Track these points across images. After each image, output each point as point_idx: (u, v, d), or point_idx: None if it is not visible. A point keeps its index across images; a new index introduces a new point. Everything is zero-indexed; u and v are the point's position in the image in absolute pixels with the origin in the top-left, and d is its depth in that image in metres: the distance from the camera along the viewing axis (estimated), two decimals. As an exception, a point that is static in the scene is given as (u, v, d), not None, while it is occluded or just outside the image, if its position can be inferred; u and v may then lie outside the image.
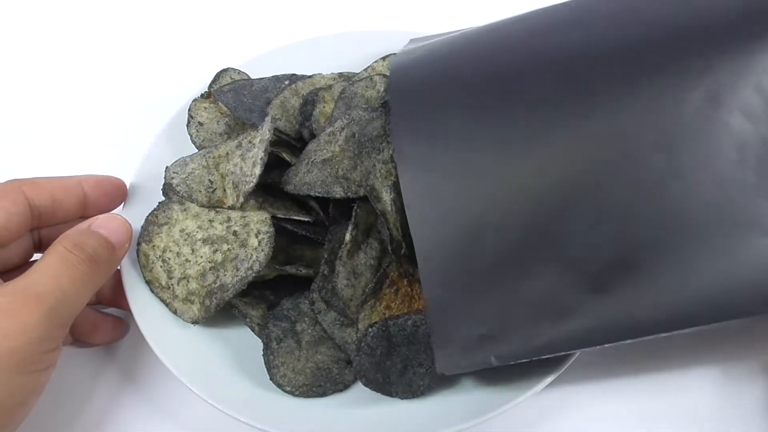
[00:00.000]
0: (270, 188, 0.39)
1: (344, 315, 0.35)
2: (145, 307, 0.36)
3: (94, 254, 0.32)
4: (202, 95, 0.44)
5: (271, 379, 0.35)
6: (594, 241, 0.29)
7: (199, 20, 0.63)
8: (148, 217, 0.37)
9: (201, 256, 0.35)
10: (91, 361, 0.40)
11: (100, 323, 0.39)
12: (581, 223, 0.29)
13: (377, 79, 0.42)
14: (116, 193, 0.39)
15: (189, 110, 0.43)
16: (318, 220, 0.38)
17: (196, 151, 0.42)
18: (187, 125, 0.43)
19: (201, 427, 0.37)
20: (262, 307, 0.37)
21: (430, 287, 0.31)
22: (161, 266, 0.36)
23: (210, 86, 0.44)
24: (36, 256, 0.38)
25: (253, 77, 0.45)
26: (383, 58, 0.44)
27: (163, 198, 0.39)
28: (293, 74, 0.44)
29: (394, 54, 0.44)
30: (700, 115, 0.28)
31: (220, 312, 0.36)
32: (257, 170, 0.36)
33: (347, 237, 0.34)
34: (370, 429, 0.33)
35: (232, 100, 0.42)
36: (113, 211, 0.37)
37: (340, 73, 0.45)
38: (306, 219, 0.37)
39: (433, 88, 0.35)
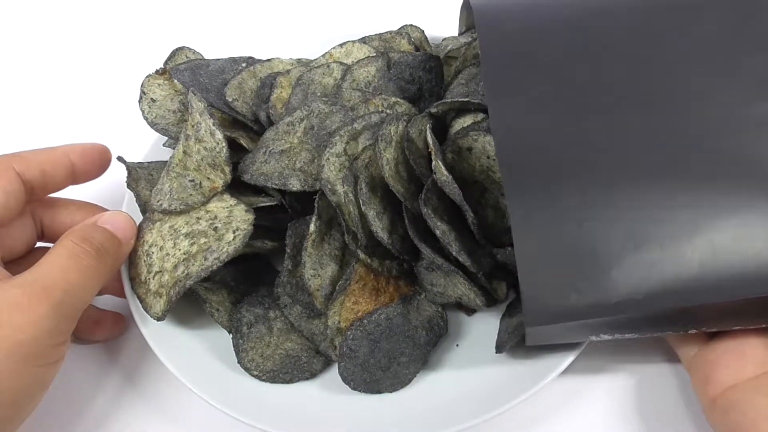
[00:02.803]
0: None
1: (310, 308, 0.35)
2: None
3: (101, 248, 0.33)
4: (156, 71, 0.43)
5: (238, 362, 0.35)
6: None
7: (207, 18, 0.64)
8: (146, 214, 0.37)
9: (179, 250, 0.35)
10: (92, 360, 0.40)
11: (100, 319, 0.39)
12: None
13: (334, 66, 0.43)
14: (102, 160, 0.39)
15: (141, 86, 0.42)
16: (279, 206, 0.38)
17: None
18: (139, 101, 0.42)
19: (201, 427, 0.37)
20: (223, 293, 0.38)
21: (522, 238, 0.30)
22: (144, 261, 0.36)
23: (165, 63, 0.44)
24: (39, 245, 0.39)
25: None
26: (341, 45, 0.45)
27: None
28: (250, 57, 0.44)
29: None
30: None
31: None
32: (218, 135, 0.37)
33: (312, 228, 0.35)
34: (357, 419, 0.34)
35: (189, 79, 0.42)
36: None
37: (299, 58, 0.45)
38: (273, 203, 0.38)
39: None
